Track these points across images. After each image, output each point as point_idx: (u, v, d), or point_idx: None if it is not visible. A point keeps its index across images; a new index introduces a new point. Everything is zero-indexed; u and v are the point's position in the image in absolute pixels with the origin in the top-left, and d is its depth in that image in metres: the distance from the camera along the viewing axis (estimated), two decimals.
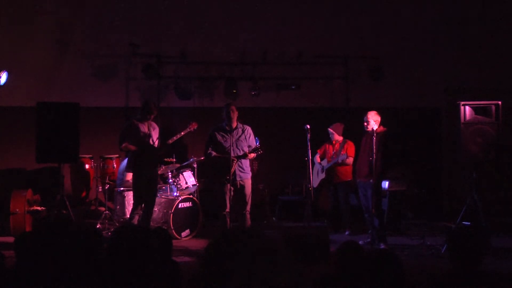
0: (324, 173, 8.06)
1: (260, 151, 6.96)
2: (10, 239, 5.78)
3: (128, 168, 7.25)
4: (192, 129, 7.24)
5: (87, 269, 2.85)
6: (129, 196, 7.67)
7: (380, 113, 7.02)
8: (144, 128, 6.98)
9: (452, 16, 9.24)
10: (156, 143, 7.08)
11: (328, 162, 8.00)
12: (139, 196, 6.96)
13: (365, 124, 6.86)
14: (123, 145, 6.95)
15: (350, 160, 7.90)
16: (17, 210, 7.45)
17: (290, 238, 6.27)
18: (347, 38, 9.30)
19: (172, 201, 7.57)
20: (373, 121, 6.83)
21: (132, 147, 6.93)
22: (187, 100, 9.19)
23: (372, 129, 6.73)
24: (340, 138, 8.01)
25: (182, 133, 7.16)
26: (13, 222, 7.42)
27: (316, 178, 8.22)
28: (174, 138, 7.08)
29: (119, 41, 9.01)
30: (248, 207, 7.12)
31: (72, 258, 2.92)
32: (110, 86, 9.21)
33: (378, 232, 6.81)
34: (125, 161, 7.92)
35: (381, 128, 6.81)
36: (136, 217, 6.93)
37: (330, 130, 8.03)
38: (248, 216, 7.10)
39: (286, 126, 9.19)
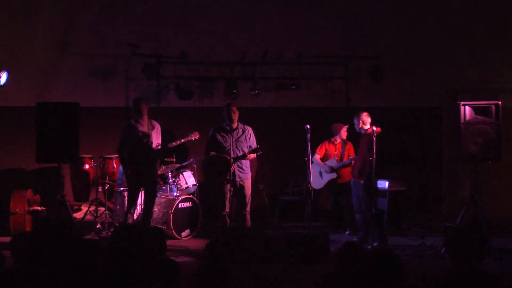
0: (334, 173, 8.00)
1: (259, 152, 6.97)
2: None
3: (123, 168, 7.25)
4: (193, 138, 7.28)
5: (85, 270, 2.84)
6: None
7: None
8: (142, 127, 6.99)
9: (452, 16, 9.23)
10: (157, 141, 7.07)
11: (337, 162, 7.97)
12: (130, 197, 7.05)
13: (360, 126, 6.91)
14: (120, 152, 7.06)
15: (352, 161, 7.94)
16: (17, 210, 7.44)
17: (290, 238, 6.27)
18: (347, 38, 9.29)
19: (172, 201, 7.57)
20: (361, 122, 6.91)
21: (125, 156, 6.99)
22: (187, 100, 9.18)
23: (366, 130, 6.83)
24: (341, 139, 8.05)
25: (183, 140, 7.24)
26: (13, 222, 7.42)
27: (320, 179, 8.13)
28: (174, 143, 7.16)
29: (119, 41, 9.01)
30: (248, 207, 7.13)
31: (71, 259, 2.91)
32: (110, 86, 9.20)
33: (371, 231, 6.87)
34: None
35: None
36: (130, 217, 6.95)
37: (341, 128, 8.01)
38: (248, 216, 7.11)
39: (286, 126, 9.18)
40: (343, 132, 8.05)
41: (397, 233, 7.81)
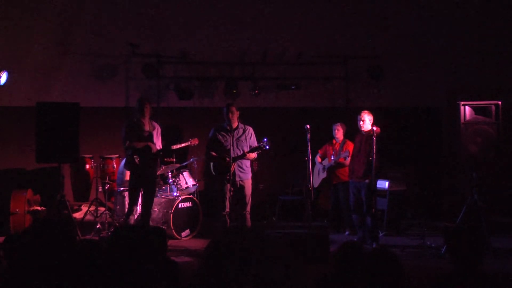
0: (325, 172, 8.08)
1: (259, 151, 6.94)
2: None
3: (124, 166, 7.23)
4: (192, 144, 7.32)
5: (85, 270, 2.84)
6: None
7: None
8: (144, 126, 6.98)
9: (452, 16, 9.23)
10: (158, 142, 7.07)
11: (329, 161, 8.03)
12: (131, 197, 7.04)
13: (361, 123, 6.94)
14: (127, 143, 6.89)
15: (349, 160, 7.93)
16: (17, 210, 7.44)
17: (290, 238, 6.27)
18: (347, 38, 9.29)
19: (172, 201, 7.57)
20: (368, 120, 6.93)
21: (137, 145, 6.87)
22: (187, 100, 9.18)
23: (368, 130, 6.84)
24: (341, 138, 8.05)
25: (182, 144, 7.27)
26: (13, 222, 7.42)
27: (317, 177, 8.24)
28: (177, 146, 7.18)
29: (119, 41, 9.01)
30: (248, 207, 7.12)
31: (70, 259, 2.91)
32: (110, 86, 9.20)
33: (371, 232, 6.85)
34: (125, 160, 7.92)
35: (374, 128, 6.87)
36: (132, 218, 6.94)
37: (338, 127, 8.02)
38: (248, 216, 7.11)
39: (286, 126, 9.18)
40: (335, 132, 8.07)
41: (397, 233, 7.82)
